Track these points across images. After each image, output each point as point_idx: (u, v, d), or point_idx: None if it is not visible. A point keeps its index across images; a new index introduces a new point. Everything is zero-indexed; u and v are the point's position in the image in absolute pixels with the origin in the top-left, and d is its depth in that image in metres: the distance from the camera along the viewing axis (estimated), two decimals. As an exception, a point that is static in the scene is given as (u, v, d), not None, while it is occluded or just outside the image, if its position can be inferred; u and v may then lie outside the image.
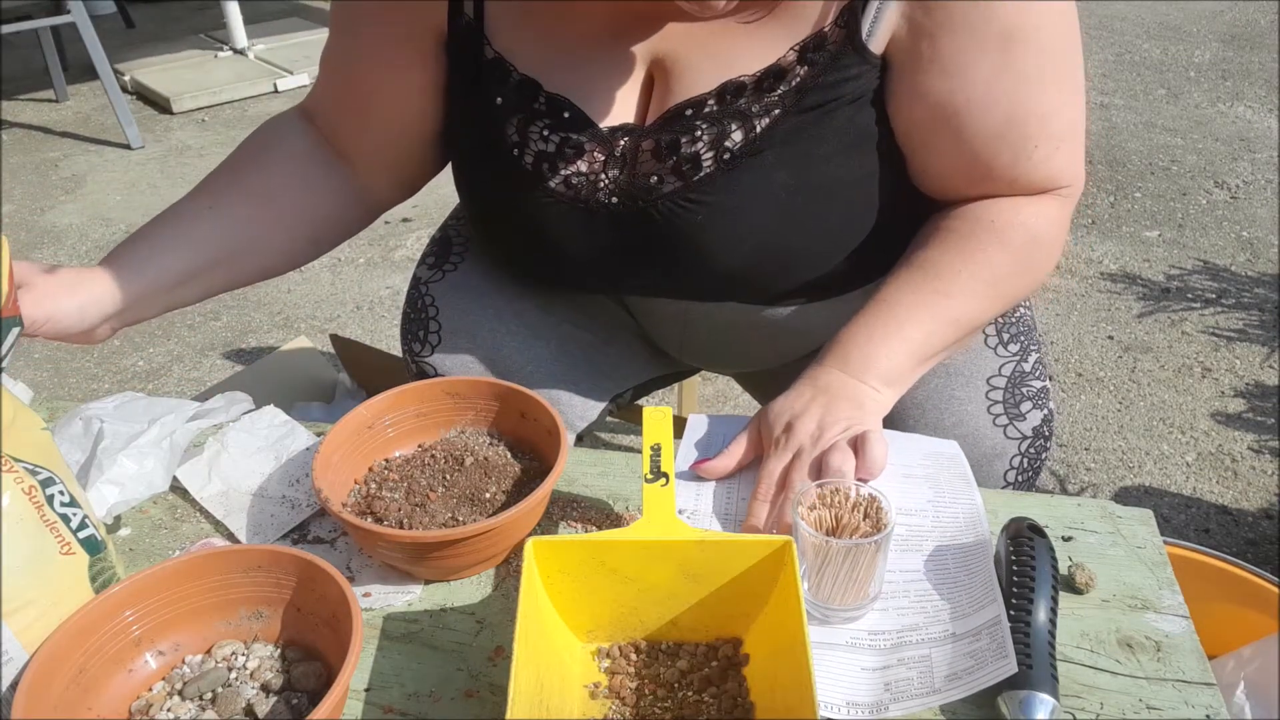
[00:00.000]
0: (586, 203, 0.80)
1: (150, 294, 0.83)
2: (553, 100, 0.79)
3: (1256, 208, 2.66)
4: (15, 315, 0.66)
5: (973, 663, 0.61)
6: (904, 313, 0.77)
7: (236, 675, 0.61)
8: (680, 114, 0.77)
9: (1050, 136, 0.77)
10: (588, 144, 0.79)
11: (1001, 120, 0.75)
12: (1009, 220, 0.79)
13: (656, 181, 0.78)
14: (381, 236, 2.63)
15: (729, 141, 0.76)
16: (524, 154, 0.80)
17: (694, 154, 0.77)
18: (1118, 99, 3.38)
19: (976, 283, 0.78)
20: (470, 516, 0.72)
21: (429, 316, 0.95)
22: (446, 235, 1.02)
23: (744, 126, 0.76)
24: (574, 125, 0.79)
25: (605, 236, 0.82)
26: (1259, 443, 1.84)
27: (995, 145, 0.76)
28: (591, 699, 0.62)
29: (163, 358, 2.20)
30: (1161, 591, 0.69)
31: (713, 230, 0.79)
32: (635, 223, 0.80)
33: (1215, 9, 4.23)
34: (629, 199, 0.79)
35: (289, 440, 0.83)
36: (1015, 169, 0.78)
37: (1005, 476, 0.87)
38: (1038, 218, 0.79)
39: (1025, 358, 0.90)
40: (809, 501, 0.65)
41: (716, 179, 0.77)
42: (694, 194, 0.78)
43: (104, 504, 0.75)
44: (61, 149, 3.29)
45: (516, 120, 0.80)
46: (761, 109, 0.75)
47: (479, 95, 0.82)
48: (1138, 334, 2.16)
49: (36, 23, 3.12)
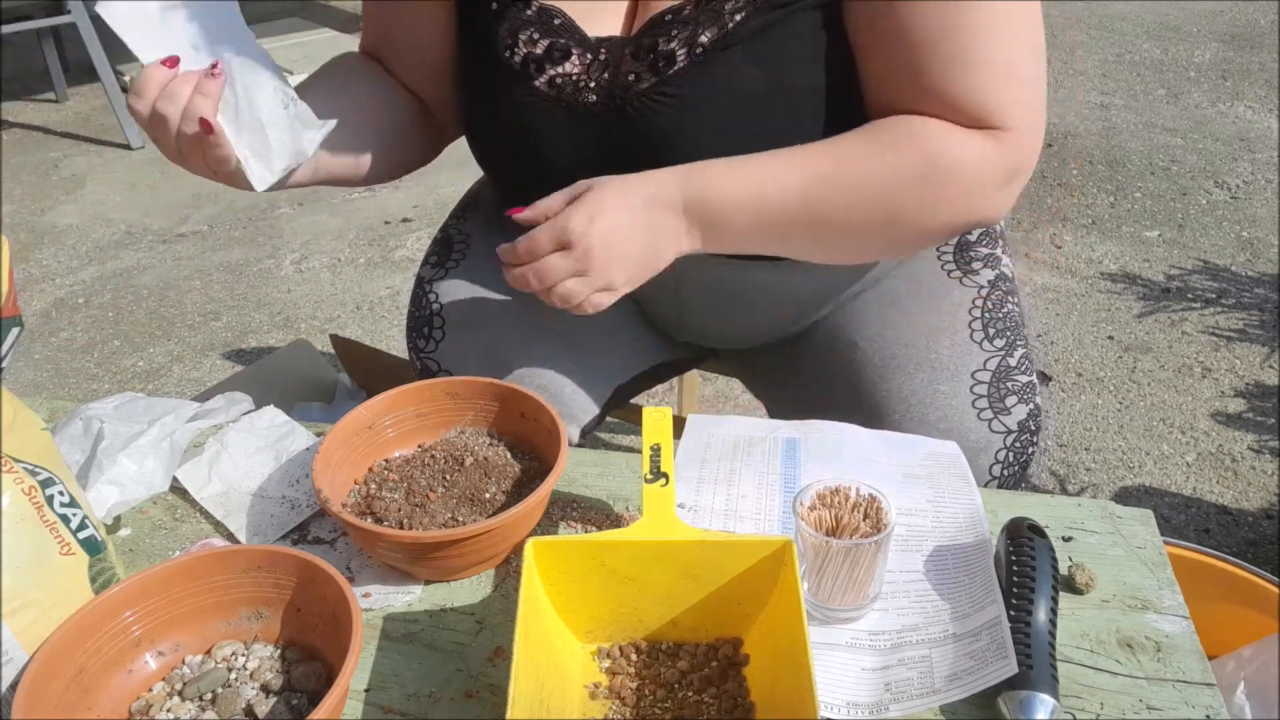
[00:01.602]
0: (569, 104, 0.83)
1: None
2: (544, 9, 0.83)
3: (1256, 208, 2.66)
4: (15, 315, 0.66)
5: (973, 663, 0.61)
6: (773, 165, 0.78)
7: (236, 675, 0.61)
8: (660, 19, 0.80)
9: (990, 65, 0.75)
10: (574, 49, 0.82)
11: (941, 27, 0.74)
12: (931, 139, 0.76)
13: (634, 79, 0.81)
14: (381, 237, 2.63)
15: (702, 38, 0.79)
16: (513, 55, 0.84)
17: (669, 50, 0.80)
18: (1118, 99, 3.38)
19: (863, 177, 0.76)
20: (470, 517, 0.72)
21: (433, 314, 0.97)
22: (447, 235, 1.04)
23: (717, 24, 0.78)
24: (562, 31, 0.83)
25: (586, 139, 0.84)
26: (1259, 443, 1.84)
27: (929, 51, 0.75)
28: (591, 699, 0.62)
29: (163, 358, 2.20)
30: (1162, 591, 0.69)
31: (686, 127, 0.81)
32: (613, 121, 0.83)
33: (1215, 9, 4.23)
34: (607, 97, 0.82)
35: (289, 440, 0.83)
36: (946, 82, 0.75)
37: (990, 471, 0.87)
38: (963, 149, 0.76)
39: (1010, 352, 0.90)
40: (809, 501, 0.65)
41: (688, 73, 0.79)
42: (668, 88, 0.80)
43: (104, 504, 0.75)
44: (61, 149, 3.29)
45: (507, 24, 0.84)
46: (734, 7, 0.78)
47: (476, 4, 0.86)
48: (1138, 334, 2.16)
49: (36, 23, 3.12)
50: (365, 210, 2.75)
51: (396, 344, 2.18)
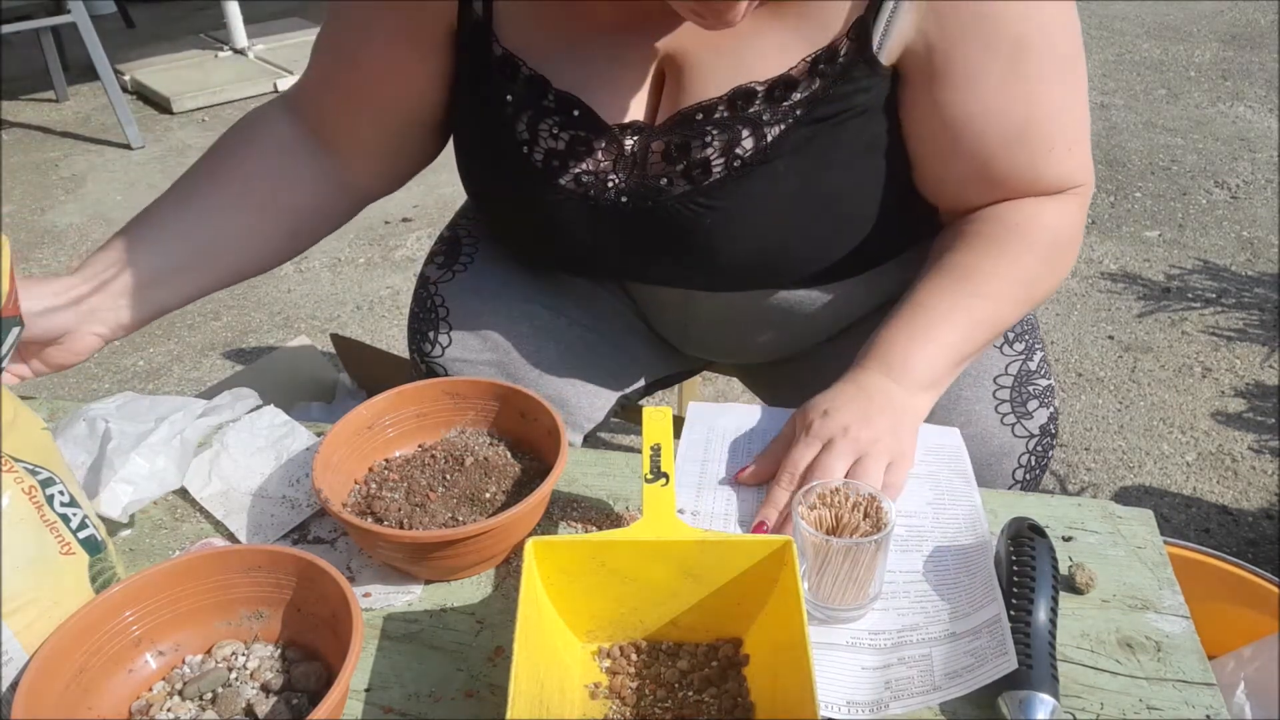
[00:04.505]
0: (595, 200, 0.81)
1: (123, 294, 0.81)
2: (562, 98, 0.79)
3: (1256, 208, 2.66)
4: (15, 315, 0.66)
5: (973, 660, 0.61)
6: (939, 316, 0.78)
7: (237, 675, 0.61)
8: (691, 117, 0.77)
9: (1063, 136, 0.78)
10: (597, 142, 0.79)
11: (1017, 125, 0.76)
12: (1034, 223, 0.80)
13: (666, 184, 0.79)
14: (381, 237, 2.63)
15: (739, 149, 0.77)
16: (534, 151, 0.81)
17: (704, 159, 0.77)
18: (1118, 99, 3.37)
19: (1007, 285, 0.79)
20: (470, 516, 0.72)
21: (439, 317, 0.95)
22: (456, 235, 1.02)
23: (755, 134, 0.76)
24: (583, 123, 0.79)
25: (612, 232, 0.83)
26: (1259, 443, 1.84)
27: (1012, 150, 0.77)
28: (592, 699, 0.62)
29: (163, 358, 2.20)
30: (1162, 591, 0.69)
31: (720, 231, 0.80)
32: (643, 221, 0.81)
33: (1215, 9, 4.23)
34: (638, 199, 0.80)
35: (289, 440, 0.83)
36: (1033, 172, 0.79)
37: (1014, 475, 0.87)
38: (1059, 219, 0.81)
39: (1030, 356, 0.90)
40: (809, 501, 0.65)
41: (727, 184, 0.78)
42: (703, 198, 0.78)
43: (118, 503, 0.75)
44: (61, 149, 3.29)
45: (526, 117, 0.80)
46: (773, 117, 0.76)
47: (487, 91, 0.82)
48: (1138, 334, 2.16)
49: (37, 23, 3.12)
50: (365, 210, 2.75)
51: (396, 344, 2.18)
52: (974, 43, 0.73)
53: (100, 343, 0.82)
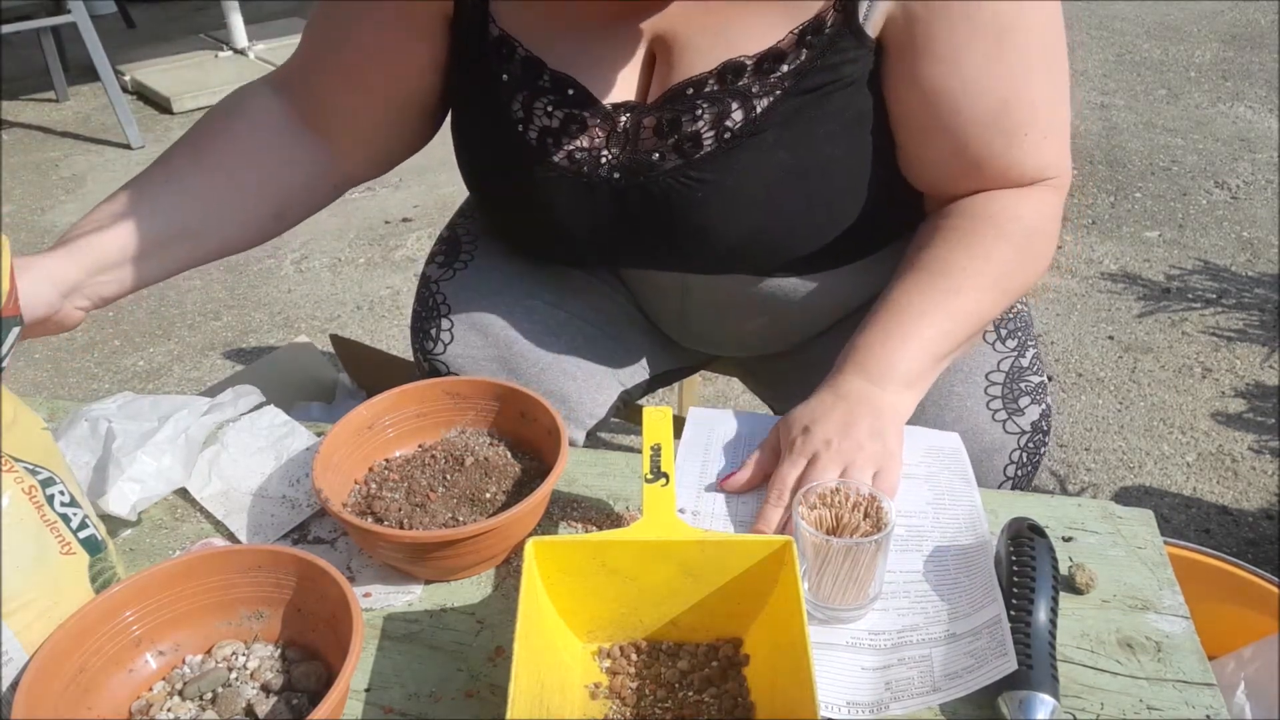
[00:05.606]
0: (588, 178, 0.82)
1: (107, 269, 0.80)
2: (557, 78, 0.81)
3: (1256, 208, 2.66)
4: (15, 315, 0.66)
5: (973, 661, 0.61)
6: (916, 313, 0.78)
7: (237, 675, 0.61)
8: (681, 92, 0.78)
9: (1040, 125, 0.79)
10: (590, 120, 0.80)
11: (994, 106, 0.77)
12: (1008, 214, 0.80)
13: (658, 158, 0.80)
14: (381, 237, 2.63)
15: (729, 121, 0.78)
16: (528, 129, 0.82)
17: (695, 132, 0.78)
18: (1118, 99, 3.37)
19: (983, 278, 0.79)
20: (470, 517, 0.72)
21: (441, 315, 0.96)
22: (455, 234, 1.03)
23: (744, 106, 0.77)
24: (577, 102, 0.80)
25: (606, 210, 0.84)
26: (1259, 443, 1.84)
27: (987, 132, 0.78)
28: (592, 699, 0.62)
29: (163, 358, 2.20)
30: (1162, 592, 0.69)
31: (711, 206, 0.81)
32: (635, 197, 0.82)
33: (1215, 9, 4.23)
34: (630, 174, 0.81)
35: (289, 440, 0.83)
36: (1007, 156, 0.79)
37: (1005, 471, 0.87)
38: (1034, 210, 0.81)
39: (1023, 353, 0.90)
40: (809, 501, 0.65)
41: (717, 157, 0.79)
42: (694, 171, 0.79)
43: (126, 501, 0.75)
44: (61, 149, 3.29)
45: (521, 97, 0.82)
46: (762, 89, 0.77)
47: (482, 73, 0.83)
48: (1138, 334, 2.16)
49: (37, 23, 3.12)
50: (365, 210, 2.75)
51: (396, 344, 2.18)
52: (958, 19, 0.74)
53: (84, 315, 0.82)
